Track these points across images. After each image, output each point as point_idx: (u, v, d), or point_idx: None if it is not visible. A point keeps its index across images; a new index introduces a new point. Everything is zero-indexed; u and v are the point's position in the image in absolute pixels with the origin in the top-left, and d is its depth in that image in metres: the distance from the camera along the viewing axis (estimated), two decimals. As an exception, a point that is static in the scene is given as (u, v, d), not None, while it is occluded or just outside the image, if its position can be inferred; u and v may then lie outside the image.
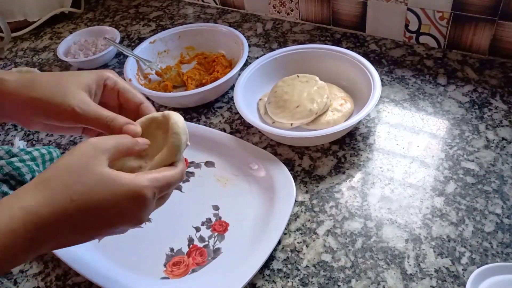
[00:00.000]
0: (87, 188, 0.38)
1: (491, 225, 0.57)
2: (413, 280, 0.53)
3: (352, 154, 0.69)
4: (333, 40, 0.92)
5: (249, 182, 0.67)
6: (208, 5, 1.12)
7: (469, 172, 0.63)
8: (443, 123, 0.71)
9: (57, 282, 0.60)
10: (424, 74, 0.81)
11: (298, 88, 0.72)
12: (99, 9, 1.19)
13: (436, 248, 0.56)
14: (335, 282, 0.54)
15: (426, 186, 0.63)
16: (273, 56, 0.79)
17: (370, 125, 0.73)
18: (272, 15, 1.03)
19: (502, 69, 0.79)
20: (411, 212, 0.60)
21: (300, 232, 0.60)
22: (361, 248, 0.57)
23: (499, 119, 0.70)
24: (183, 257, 0.59)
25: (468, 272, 0.53)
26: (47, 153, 0.72)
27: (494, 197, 0.60)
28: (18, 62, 1.05)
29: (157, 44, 0.90)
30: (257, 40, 0.96)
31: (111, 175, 0.40)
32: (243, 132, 0.76)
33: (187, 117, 0.80)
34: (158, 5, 1.16)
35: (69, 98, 0.45)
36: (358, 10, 0.89)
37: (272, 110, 0.72)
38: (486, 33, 0.79)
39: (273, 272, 0.56)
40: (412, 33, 0.87)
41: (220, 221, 0.63)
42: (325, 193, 0.64)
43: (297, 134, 0.67)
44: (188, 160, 0.72)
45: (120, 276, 0.57)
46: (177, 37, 0.91)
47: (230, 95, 0.83)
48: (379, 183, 0.64)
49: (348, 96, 0.75)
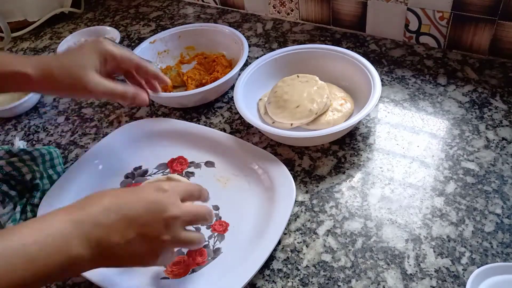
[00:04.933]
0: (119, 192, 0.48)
1: (491, 225, 0.57)
2: (413, 280, 0.53)
3: (352, 154, 0.69)
4: (333, 40, 0.92)
5: (249, 182, 0.67)
6: (208, 5, 1.12)
7: (469, 172, 0.63)
8: (443, 123, 0.71)
9: (57, 282, 0.59)
10: (424, 74, 0.80)
11: (298, 88, 0.72)
12: (99, 9, 1.19)
13: (436, 248, 0.56)
14: (335, 282, 0.54)
15: (426, 186, 0.63)
16: (273, 56, 0.79)
17: (370, 125, 0.73)
18: (272, 15, 1.03)
19: (502, 69, 0.79)
20: (411, 212, 0.60)
21: (300, 232, 0.60)
22: (361, 248, 0.57)
23: (499, 119, 0.70)
24: (183, 257, 0.59)
25: (468, 272, 0.53)
26: (47, 153, 0.72)
27: (494, 197, 0.60)
28: (18, 62, 1.05)
29: (157, 44, 0.90)
30: (257, 40, 0.96)
31: None
32: (243, 132, 0.76)
33: (187, 117, 0.80)
34: (158, 5, 1.16)
35: (84, 81, 0.57)
36: (358, 10, 0.89)
37: (272, 110, 0.72)
38: (486, 33, 0.79)
39: (273, 272, 0.56)
40: (412, 33, 0.87)
41: (220, 221, 0.63)
42: (325, 193, 0.64)
43: (297, 134, 0.67)
44: (188, 160, 0.72)
45: (120, 276, 0.57)
46: (177, 37, 0.91)
47: (230, 95, 0.83)
48: (379, 183, 0.64)
49: (348, 96, 0.75)
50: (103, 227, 0.42)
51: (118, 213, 0.43)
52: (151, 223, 0.44)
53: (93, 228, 0.42)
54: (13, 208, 0.65)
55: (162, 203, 0.46)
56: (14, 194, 0.67)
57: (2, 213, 0.65)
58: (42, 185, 0.68)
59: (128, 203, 0.44)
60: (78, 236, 0.41)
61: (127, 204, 0.44)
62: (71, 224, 0.41)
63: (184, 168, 0.71)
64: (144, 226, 0.44)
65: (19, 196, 0.68)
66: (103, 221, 0.42)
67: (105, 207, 0.43)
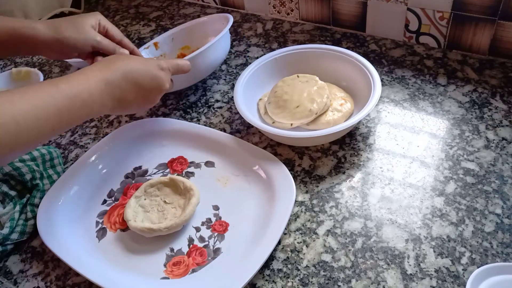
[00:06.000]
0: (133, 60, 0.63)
1: (491, 225, 0.57)
2: (413, 280, 0.53)
3: (352, 154, 0.69)
4: (333, 40, 0.92)
5: (249, 182, 0.67)
6: (208, 5, 1.12)
7: (469, 172, 0.63)
8: (443, 123, 0.71)
9: (57, 282, 0.60)
10: (424, 74, 0.81)
11: (298, 88, 0.72)
12: (99, 9, 1.19)
13: (436, 248, 0.56)
14: (335, 282, 0.54)
15: (426, 186, 0.63)
16: (273, 56, 0.79)
17: (370, 125, 0.73)
18: (272, 15, 1.03)
19: (502, 69, 0.79)
20: (411, 212, 0.60)
21: (300, 232, 0.60)
22: (361, 248, 0.57)
23: (499, 119, 0.70)
24: (183, 257, 0.59)
25: (468, 272, 0.53)
26: (47, 153, 0.72)
27: (494, 197, 0.60)
28: (18, 62, 1.05)
29: (151, 50, 0.89)
30: (257, 40, 0.96)
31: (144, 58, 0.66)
32: (243, 132, 0.76)
33: (187, 117, 0.80)
34: (158, 5, 1.16)
35: (88, 35, 0.66)
36: (358, 10, 0.89)
37: (272, 110, 0.72)
38: (486, 33, 0.79)
39: (273, 272, 0.56)
40: (412, 33, 0.87)
41: (220, 221, 0.63)
42: (325, 193, 0.64)
43: (297, 134, 0.67)
44: (188, 160, 0.72)
45: (120, 276, 0.57)
46: (170, 40, 0.91)
47: (230, 95, 0.83)
48: (379, 183, 0.64)
49: (348, 96, 0.75)
50: (123, 89, 0.59)
51: (133, 81, 0.60)
52: (152, 91, 0.63)
53: (117, 90, 0.58)
54: (13, 208, 0.65)
55: (162, 80, 0.63)
56: (14, 194, 0.67)
57: (2, 213, 0.65)
58: (42, 185, 0.68)
59: (140, 73, 0.61)
60: (108, 94, 0.57)
61: (139, 73, 0.61)
62: (106, 85, 0.56)
63: (184, 168, 0.71)
64: (147, 91, 0.62)
65: (19, 196, 0.68)
66: (123, 86, 0.58)
67: (125, 74, 0.59)
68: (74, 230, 0.64)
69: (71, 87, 0.53)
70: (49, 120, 0.50)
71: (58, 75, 0.97)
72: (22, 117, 0.47)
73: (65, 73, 0.98)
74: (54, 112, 0.50)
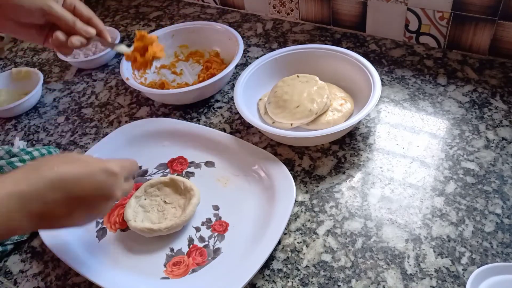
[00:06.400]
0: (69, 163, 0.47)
1: (491, 225, 0.57)
2: (413, 280, 0.53)
3: (352, 154, 0.69)
4: (333, 40, 0.92)
5: (249, 182, 0.67)
6: (208, 5, 1.12)
7: (469, 172, 0.63)
8: (443, 123, 0.71)
9: (57, 282, 0.60)
10: (424, 74, 0.80)
11: (298, 88, 0.72)
12: (99, 9, 1.19)
13: (436, 248, 0.56)
14: (335, 282, 0.54)
15: (426, 186, 0.63)
16: (273, 56, 0.79)
17: (370, 125, 0.73)
18: (272, 15, 1.03)
19: (502, 69, 0.79)
20: (411, 212, 0.60)
21: (300, 232, 0.60)
22: (361, 248, 0.57)
23: (499, 119, 0.70)
24: (183, 257, 0.59)
25: (468, 272, 0.53)
26: (47, 153, 0.72)
27: (494, 197, 0.60)
28: (18, 62, 1.05)
29: None
30: (257, 40, 0.96)
31: (87, 157, 0.51)
32: (243, 132, 0.76)
33: (187, 117, 0.80)
34: (158, 5, 1.16)
35: (37, 2, 0.57)
36: (358, 10, 0.89)
37: (272, 110, 0.72)
38: (486, 33, 0.79)
39: (273, 272, 0.56)
40: (412, 33, 0.87)
41: (220, 221, 0.63)
42: (325, 193, 0.64)
43: (297, 134, 0.67)
44: (188, 160, 0.72)
45: (120, 276, 0.57)
46: (170, 36, 0.91)
47: (230, 95, 0.83)
48: (379, 183, 0.64)
49: (348, 96, 0.75)
50: (48, 203, 0.44)
51: (65, 191, 0.45)
52: (96, 203, 0.49)
53: (38, 204, 0.44)
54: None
55: (110, 187, 0.49)
56: (14, 194, 0.67)
57: (2, 213, 0.64)
58: (42, 185, 0.68)
59: (77, 182, 0.46)
60: (20, 211, 0.43)
61: (75, 182, 0.46)
62: (17, 200, 0.43)
63: (184, 168, 0.71)
64: (89, 204, 0.48)
65: (19, 196, 0.67)
66: (49, 198, 0.44)
67: (53, 183, 0.45)
68: (74, 230, 0.64)
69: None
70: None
71: (58, 75, 0.97)
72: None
73: (65, 73, 0.98)
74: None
